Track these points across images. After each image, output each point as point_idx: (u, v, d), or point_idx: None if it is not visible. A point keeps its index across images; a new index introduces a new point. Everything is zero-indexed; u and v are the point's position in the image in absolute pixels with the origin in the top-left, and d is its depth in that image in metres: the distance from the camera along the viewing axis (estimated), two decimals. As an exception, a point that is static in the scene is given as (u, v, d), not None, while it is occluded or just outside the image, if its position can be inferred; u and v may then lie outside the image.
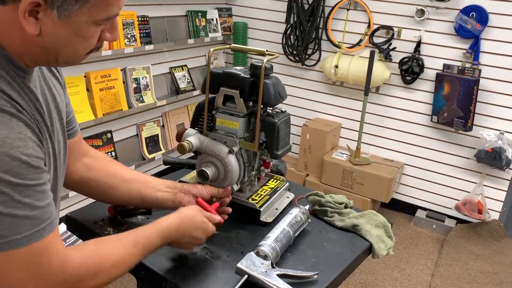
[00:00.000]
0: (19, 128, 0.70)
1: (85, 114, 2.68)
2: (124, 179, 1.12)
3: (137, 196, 1.12)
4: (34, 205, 0.70)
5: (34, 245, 0.71)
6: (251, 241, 1.13)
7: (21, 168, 0.68)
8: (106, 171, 1.11)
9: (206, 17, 3.47)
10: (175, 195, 1.12)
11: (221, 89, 1.19)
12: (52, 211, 0.75)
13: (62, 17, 0.71)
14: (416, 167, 3.34)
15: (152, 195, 1.12)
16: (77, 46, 0.77)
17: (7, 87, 0.71)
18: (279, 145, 1.18)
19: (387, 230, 1.26)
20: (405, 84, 3.20)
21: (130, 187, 1.11)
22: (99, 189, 1.10)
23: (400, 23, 3.12)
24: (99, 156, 1.14)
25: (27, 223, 0.70)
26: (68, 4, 0.69)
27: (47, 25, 0.71)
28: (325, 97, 3.57)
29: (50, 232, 0.74)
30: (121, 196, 1.11)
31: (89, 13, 0.72)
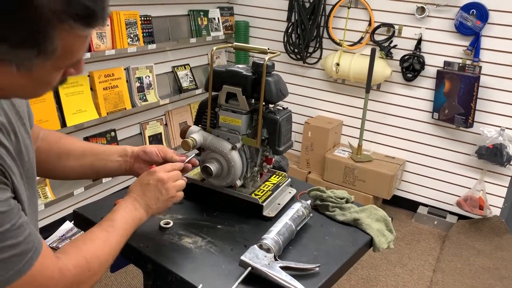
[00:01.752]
0: None
1: (89, 113, 2.71)
2: (75, 155, 1.12)
3: (91, 170, 1.14)
4: (16, 242, 0.71)
5: (28, 273, 0.74)
6: (254, 235, 1.15)
7: None
8: (57, 151, 1.10)
9: (208, 16, 3.49)
10: (126, 163, 1.15)
11: (224, 87, 1.22)
12: (33, 238, 0.76)
13: (22, 71, 0.66)
14: (417, 163, 3.36)
15: (104, 167, 1.14)
16: (39, 90, 0.74)
17: None
18: (281, 142, 1.21)
19: (387, 224, 1.28)
20: (406, 81, 3.22)
21: (82, 163, 1.12)
22: (50, 170, 1.10)
23: (400, 21, 3.14)
24: (48, 135, 1.11)
25: (16, 260, 0.72)
26: (28, 60, 0.64)
27: (3, 78, 0.66)
28: (326, 95, 3.60)
29: (38, 256, 0.76)
30: (76, 173, 1.13)
31: (53, 64, 0.67)
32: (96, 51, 2.64)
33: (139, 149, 1.16)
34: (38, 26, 0.61)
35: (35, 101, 2.38)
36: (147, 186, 1.02)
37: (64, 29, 0.63)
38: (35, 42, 0.62)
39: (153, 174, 1.04)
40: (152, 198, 1.02)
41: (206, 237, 1.14)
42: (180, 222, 1.20)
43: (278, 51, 1.24)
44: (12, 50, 0.62)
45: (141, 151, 1.15)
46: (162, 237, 1.13)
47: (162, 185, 1.02)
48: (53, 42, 0.63)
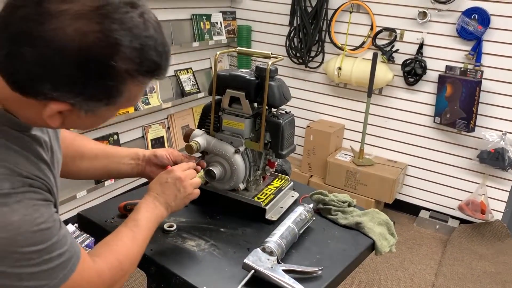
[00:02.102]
0: (33, 201, 0.73)
1: (92, 117, 2.72)
2: (88, 157, 1.16)
3: (103, 171, 1.18)
4: (61, 252, 0.76)
5: (71, 279, 0.77)
6: (257, 238, 1.16)
7: (43, 235, 0.73)
8: (72, 152, 1.13)
9: (210, 21, 3.51)
10: (138, 166, 1.19)
11: (227, 91, 1.23)
12: (74, 245, 0.80)
13: (89, 114, 0.74)
14: (419, 168, 3.37)
15: (116, 169, 1.18)
16: (96, 125, 0.82)
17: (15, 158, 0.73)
18: (284, 145, 1.22)
19: (389, 227, 1.29)
20: (407, 85, 3.23)
21: (95, 164, 1.16)
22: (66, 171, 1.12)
23: (402, 25, 3.15)
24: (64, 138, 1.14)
25: (60, 268, 0.76)
26: (98, 107, 0.72)
27: (71, 118, 0.74)
28: (328, 98, 3.61)
29: (79, 261, 0.79)
30: (89, 174, 1.18)
31: (116, 107, 0.76)
32: (100, 55, 2.66)
33: (150, 153, 1.21)
34: (113, 83, 0.69)
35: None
36: (166, 185, 1.06)
37: (134, 83, 0.72)
38: (107, 96, 0.71)
39: (171, 173, 1.08)
40: (171, 196, 1.05)
41: (209, 240, 1.15)
42: (184, 225, 1.21)
43: (281, 56, 1.25)
44: (85, 102, 0.70)
45: (152, 155, 1.20)
46: (165, 240, 1.14)
47: (180, 183, 1.06)
48: (122, 95, 0.72)
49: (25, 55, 0.64)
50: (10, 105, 0.74)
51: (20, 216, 0.70)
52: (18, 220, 0.70)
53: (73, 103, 0.70)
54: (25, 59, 0.65)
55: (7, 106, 0.74)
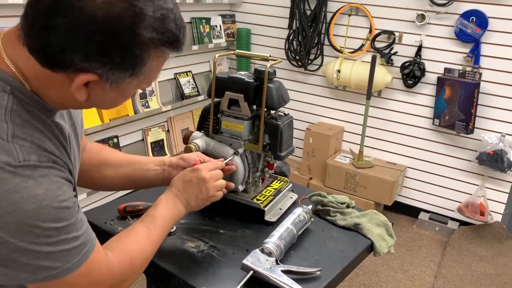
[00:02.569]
0: (56, 178, 0.75)
1: (92, 120, 2.73)
2: (113, 165, 1.16)
3: (128, 180, 1.16)
4: (77, 235, 0.77)
5: (83, 266, 0.78)
6: (256, 239, 1.17)
7: (63, 213, 0.75)
8: (98, 161, 1.15)
9: (210, 24, 3.53)
10: (164, 172, 1.16)
11: (226, 93, 1.24)
12: (90, 232, 0.82)
13: (113, 86, 0.76)
14: (418, 170, 3.37)
15: (142, 176, 1.16)
16: (118, 102, 0.84)
17: (42, 137, 0.76)
18: (282, 147, 1.23)
19: (388, 228, 1.29)
20: (406, 88, 3.24)
21: (120, 172, 1.15)
22: (91, 179, 1.14)
23: (401, 28, 3.16)
24: (92, 147, 1.18)
25: (75, 252, 0.77)
26: (122, 78, 0.75)
27: (96, 92, 0.77)
28: (327, 101, 3.62)
29: (93, 249, 0.81)
30: (114, 183, 1.16)
31: (137, 81, 0.78)
32: (99, 58, 2.67)
33: (177, 157, 1.19)
34: (138, 51, 0.73)
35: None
36: (189, 183, 1.05)
37: (156, 53, 0.75)
38: (132, 65, 0.74)
39: (195, 172, 1.06)
40: (192, 196, 1.05)
41: (209, 241, 1.16)
42: (183, 226, 1.22)
43: (279, 58, 1.26)
44: (112, 71, 0.73)
45: (179, 159, 1.17)
46: (165, 242, 1.13)
47: (203, 183, 1.05)
48: (145, 65, 0.75)
49: (58, 25, 0.68)
50: (37, 85, 0.76)
51: (44, 190, 0.72)
52: (42, 194, 0.71)
53: (100, 74, 0.72)
54: (58, 30, 0.68)
55: (34, 86, 0.76)
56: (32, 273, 0.73)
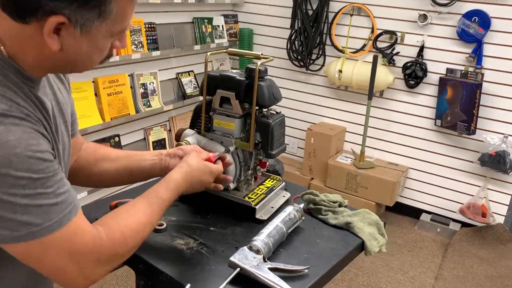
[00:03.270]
0: (30, 130, 0.74)
1: (93, 118, 2.75)
2: (110, 159, 1.16)
3: (125, 172, 1.15)
4: (57, 192, 0.76)
5: (64, 228, 0.76)
6: (246, 237, 1.17)
7: (39, 164, 0.73)
8: (94, 157, 1.15)
9: (212, 24, 3.54)
10: (161, 161, 1.15)
11: (218, 91, 1.24)
12: (73, 195, 0.80)
13: (84, 33, 0.76)
14: (420, 170, 3.36)
15: (139, 167, 1.15)
16: (94, 57, 0.83)
17: (14, 96, 0.76)
18: (274, 145, 1.23)
19: (379, 228, 1.29)
20: (408, 88, 3.23)
21: (117, 165, 1.15)
22: (89, 175, 1.14)
23: (403, 28, 3.15)
24: (89, 146, 1.19)
25: (55, 210, 0.75)
26: (91, 21, 0.75)
27: (68, 41, 0.76)
28: (329, 101, 3.61)
29: (76, 214, 0.79)
30: (111, 177, 1.16)
31: (107, 27, 0.78)
32: (101, 58, 2.68)
33: (175, 148, 1.20)
34: None
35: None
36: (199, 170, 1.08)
37: None
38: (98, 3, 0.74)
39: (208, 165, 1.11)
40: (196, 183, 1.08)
41: (199, 238, 1.16)
42: (174, 224, 1.22)
43: (271, 56, 1.26)
44: (79, 10, 0.73)
45: (177, 150, 1.18)
46: (155, 239, 1.15)
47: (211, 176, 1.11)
48: (111, 3, 0.75)
49: None
50: (13, 48, 0.76)
51: (16, 138, 0.70)
52: (14, 141, 0.70)
53: (68, 14, 0.72)
54: None
55: (10, 50, 0.76)
56: (10, 229, 0.71)
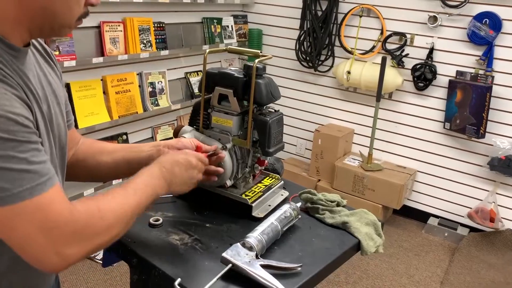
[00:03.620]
0: (5, 90, 0.71)
1: (101, 116, 2.78)
2: (108, 151, 1.16)
3: (123, 163, 1.15)
4: (30, 160, 0.72)
5: (37, 198, 0.72)
6: (241, 234, 1.16)
7: (10, 125, 0.69)
8: (92, 150, 1.15)
9: (221, 24, 3.55)
10: (158, 152, 1.13)
11: (216, 89, 1.24)
12: (50, 168, 0.76)
13: None
14: (428, 174, 3.32)
15: (137, 157, 1.15)
16: (72, 5, 0.80)
17: None
18: (271, 143, 1.22)
19: (376, 228, 1.28)
20: (417, 90, 3.20)
21: (114, 157, 1.15)
22: (87, 168, 1.14)
23: (413, 30, 3.13)
24: (85, 140, 1.19)
25: (27, 177, 0.71)
26: None
27: None
28: (337, 103, 3.60)
29: (52, 186, 0.75)
30: (109, 168, 1.15)
31: None
32: (109, 56, 2.72)
33: (174, 140, 1.19)
34: None
35: (48, 103, 2.46)
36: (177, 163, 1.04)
37: None
38: None
39: (185, 154, 1.07)
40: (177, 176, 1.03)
41: (194, 234, 1.16)
42: (170, 219, 1.23)
43: (270, 55, 1.26)
44: None
45: (176, 141, 1.18)
46: (150, 234, 1.16)
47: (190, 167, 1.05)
48: None
49: None
50: None
51: None
52: None
53: None
54: None
55: None
56: None
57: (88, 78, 2.70)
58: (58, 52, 2.44)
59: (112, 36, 2.73)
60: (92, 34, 2.67)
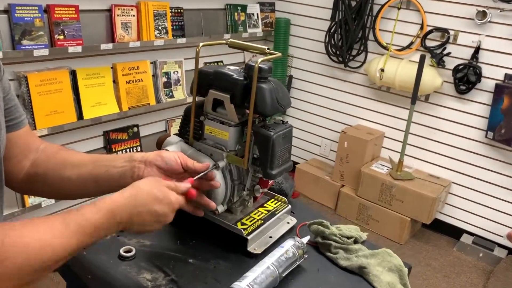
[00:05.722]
0: None
1: (109, 107, 2.59)
2: (73, 165, 0.93)
3: (90, 181, 0.91)
4: None
5: None
6: (230, 277, 0.94)
7: None
8: (54, 162, 0.93)
9: (246, 12, 3.29)
10: (133, 169, 0.90)
11: (210, 92, 1.00)
12: None
13: None
14: (465, 186, 3.00)
15: (105, 175, 0.90)
16: None
17: None
18: (274, 164, 0.98)
19: (402, 276, 1.02)
20: (458, 94, 2.87)
21: (80, 172, 0.91)
22: (47, 184, 0.93)
23: (457, 26, 2.79)
24: (47, 147, 0.97)
25: None
26: None
27: None
28: (368, 102, 3.30)
29: None
30: (73, 186, 0.92)
31: None
32: (120, 42, 2.51)
33: (153, 153, 0.94)
34: None
35: (50, 91, 2.28)
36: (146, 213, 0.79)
37: None
38: None
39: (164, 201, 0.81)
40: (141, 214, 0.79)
41: (171, 274, 0.94)
42: (146, 250, 1.01)
43: (278, 53, 1.01)
44: None
45: (156, 156, 0.93)
46: (117, 268, 0.94)
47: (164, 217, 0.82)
48: None
49: None
50: None
51: None
52: None
53: None
54: None
55: None
56: None
57: (96, 65, 2.51)
58: (63, 36, 2.25)
59: (124, 21, 2.53)
60: (102, 18, 2.47)
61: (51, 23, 2.22)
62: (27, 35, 2.13)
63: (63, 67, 2.36)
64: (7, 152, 0.89)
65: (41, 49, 2.15)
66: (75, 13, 2.29)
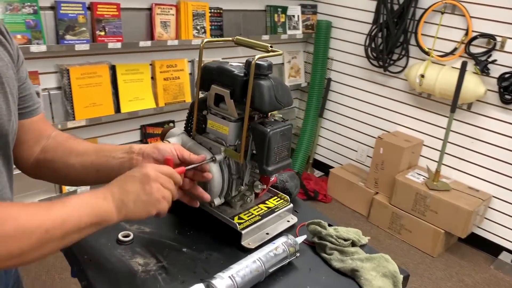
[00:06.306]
0: None
1: (146, 102, 2.69)
2: (77, 153, 0.99)
3: (91, 169, 0.97)
4: None
5: None
6: (219, 268, 0.95)
7: None
8: (62, 149, 0.99)
9: (286, 13, 3.30)
10: (131, 160, 0.95)
11: (212, 87, 1.03)
12: None
13: None
14: (506, 201, 2.85)
15: (106, 164, 0.96)
16: None
17: None
18: (270, 160, 0.98)
19: (396, 283, 0.99)
20: (503, 104, 2.73)
21: (83, 160, 0.97)
22: (54, 170, 0.99)
23: (505, 32, 2.66)
24: (58, 135, 1.03)
25: None
26: None
27: None
28: (407, 108, 3.21)
29: None
30: (76, 173, 0.98)
31: None
32: (158, 40, 2.60)
33: (150, 146, 0.99)
34: None
35: (90, 84, 2.40)
36: (131, 178, 0.85)
37: None
38: None
39: (142, 168, 0.87)
40: (130, 193, 0.83)
41: (163, 261, 0.97)
42: (144, 236, 1.04)
43: (280, 51, 1.02)
44: None
45: (153, 148, 0.98)
46: (113, 252, 0.98)
47: (147, 181, 0.84)
48: None
49: None
50: None
51: None
52: None
53: None
54: None
55: None
56: None
57: (134, 61, 2.61)
58: (104, 32, 2.37)
59: (163, 20, 2.61)
60: (142, 16, 2.57)
61: (93, 20, 2.33)
62: (71, 30, 2.25)
63: (104, 62, 2.48)
64: (20, 137, 0.95)
65: (82, 44, 2.27)
66: (116, 10, 2.40)
